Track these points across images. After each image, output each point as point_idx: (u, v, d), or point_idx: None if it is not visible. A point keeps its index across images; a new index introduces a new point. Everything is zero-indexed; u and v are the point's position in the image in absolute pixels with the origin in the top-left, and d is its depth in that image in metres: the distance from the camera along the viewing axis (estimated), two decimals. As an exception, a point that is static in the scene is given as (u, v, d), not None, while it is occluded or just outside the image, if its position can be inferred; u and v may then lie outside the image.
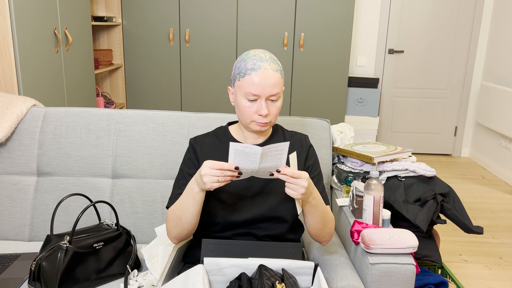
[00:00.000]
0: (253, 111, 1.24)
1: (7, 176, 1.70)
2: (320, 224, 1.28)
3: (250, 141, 1.35)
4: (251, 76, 1.22)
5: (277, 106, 1.26)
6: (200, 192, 1.17)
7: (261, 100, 1.23)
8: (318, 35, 3.88)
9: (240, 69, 1.25)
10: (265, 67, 1.23)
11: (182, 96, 4.05)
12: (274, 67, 1.24)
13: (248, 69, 1.23)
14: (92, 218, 1.55)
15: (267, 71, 1.22)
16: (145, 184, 1.68)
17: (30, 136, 1.70)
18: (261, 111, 1.23)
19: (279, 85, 1.24)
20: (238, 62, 1.27)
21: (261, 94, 1.22)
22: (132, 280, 1.37)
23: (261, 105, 1.23)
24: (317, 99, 4.02)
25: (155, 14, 3.86)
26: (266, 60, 1.24)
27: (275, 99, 1.25)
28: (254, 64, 1.23)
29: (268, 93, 1.23)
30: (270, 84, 1.22)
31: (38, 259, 1.29)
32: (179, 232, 1.27)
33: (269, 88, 1.22)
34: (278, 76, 1.24)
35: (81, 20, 3.01)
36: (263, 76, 1.21)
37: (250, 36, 3.89)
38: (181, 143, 1.69)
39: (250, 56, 1.25)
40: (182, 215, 1.23)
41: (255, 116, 1.25)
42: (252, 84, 1.22)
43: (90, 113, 1.73)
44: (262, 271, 1.14)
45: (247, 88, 1.23)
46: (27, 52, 2.28)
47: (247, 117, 1.26)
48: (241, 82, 1.24)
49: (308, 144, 1.39)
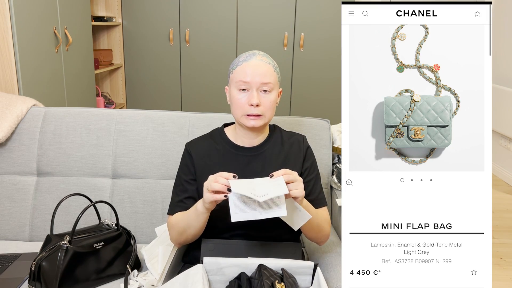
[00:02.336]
0: (244, 102, 1.24)
1: (7, 176, 1.70)
2: (316, 228, 1.29)
3: (246, 142, 1.34)
4: (243, 66, 1.25)
5: (270, 99, 1.25)
6: (204, 213, 1.21)
7: (252, 90, 1.24)
8: (318, 35, 3.88)
9: (233, 64, 1.29)
10: (257, 58, 1.26)
11: (182, 96, 4.05)
12: (266, 60, 1.27)
13: (240, 61, 1.26)
14: (92, 218, 1.55)
15: (259, 61, 1.25)
16: (145, 184, 1.68)
17: (30, 136, 1.71)
18: (252, 100, 1.23)
19: (270, 76, 1.25)
20: (233, 61, 1.31)
21: (252, 81, 1.23)
22: (132, 280, 1.37)
23: (252, 95, 1.23)
24: (317, 99, 4.02)
25: (155, 14, 3.86)
26: (259, 54, 1.28)
27: (268, 89, 1.25)
28: (247, 57, 1.27)
29: (259, 81, 1.23)
30: (261, 72, 1.23)
31: (38, 259, 1.29)
32: (183, 240, 1.31)
33: (259, 76, 1.23)
34: (270, 68, 1.26)
35: (81, 20, 3.01)
36: (254, 65, 1.24)
37: (250, 36, 3.89)
38: (181, 143, 1.69)
39: (244, 53, 1.29)
40: (187, 228, 1.27)
41: (246, 107, 1.24)
42: (243, 72, 1.24)
43: (90, 113, 1.73)
44: (261, 271, 1.14)
45: (238, 77, 1.25)
46: (27, 52, 2.28)
47: (239, 109, 1.26)
48: (234, 74, 1.27)
49: (306, 145, 1.39)
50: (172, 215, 1.33)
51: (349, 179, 1.10)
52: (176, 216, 1.31)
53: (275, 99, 1.27)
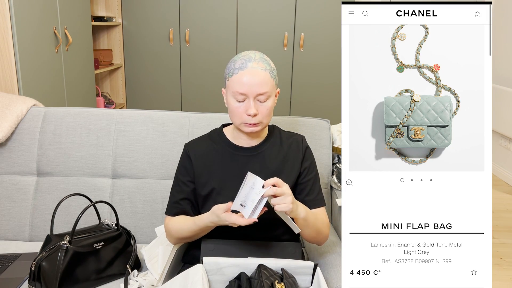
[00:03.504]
0: (242, 111, 1.23)
1: (7, 176, 1.70)
2: (315, 232, 1.29)
3: (244, 143, 1.34)
4: (239, 75, 1.21)
5: (267, 107, 1.24)
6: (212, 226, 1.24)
7: (249, 99, 1.22)
8: (318, 35, 3.88)
9: (229, 69, 1.25)
10: (253, 66, 1.21)
11: (182, 96, 4.05)
12: (262, 66, 1.22)
13: (236, 69, 1.22)
14: (92, 218, 1.55)
15: (255, 69, 1.21)
16: (145, 184, 1.68)
17: (30, 136, 1.71)
18: (249, 110, 1.21)
19: (267, 84, 1.22)
20: (229, 63, 1.27)
21: (248, 92, 1.21)
22: (132, 280, 1.37)
23: (249, 105, 1.22)
24: (317, 99, 4.02)
25: (155, 14, 3.86)
26: (255, 59, 1.23)
27: (264, 99, 1.23)
28: (242, 63, 1.22)
29: (256, 91, 1.21)
30: (257, 82, 1.20)
31: (38, 259, 1.29)
32: (181, 242, 1.36)
33: (256, 87, 1.20)
34: (266, 75, 1.22)
35: (81, 20, 3.01)
36: (250, 74, 1.20)
37: (250, 36, 3.89)
38: (181, 143, 1.69)
39: (240, 57, 1.25)
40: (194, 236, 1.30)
41: (244, 117, 1.23)
42: (239, 83, 1.21)
43: (90, 113, 1.73)
44: (261, 271, 1.14)
45: (234, 87, 1.22)
46: (27, 52, 2.28)
47: (237, 118, 1.25)
48: (230, 82, 1.24)
49: (305, 145, 1.38)
50: (169, 215, 1.35)
51: (349, 179, 1.10)
52: (177, 221, 1.32)
53: (272, 105, 1.26)
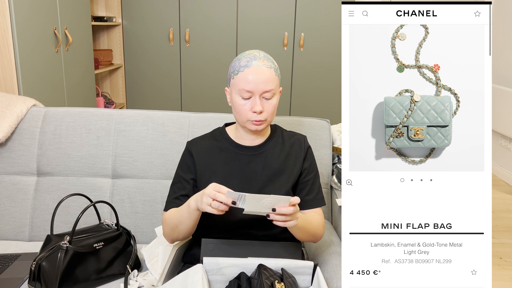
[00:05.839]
0: (247, 109, 1.25)
1: (7, 176, 1.70)
2: (310, 236, 1.30)
3: (247, 142, 1.35)
4: (244, 72, 1.23)
5: (272, 104, 1.26)
6: (196, 211, 1.19)
7: (255, 97, 1.23)
8: (318, 35, 3.88)
9: (234, 68, 1.26)
10: (258, 64, 1.23)
11: (182, 96, 4.05)
12: (267, 64, 1.24)
13: (241, 67, 1.24)
14: (92, 218, 1.55)
15: (260, 67, 1.23)
16: (145, 184, 1.68)
17: (30, 136, 1.71)
18: (255, 107, 1.23)
19: (272, 82, 1.24)
20: (233, 62, 1.28)
21: (254, 90, 1.22)
22: (132, 280, 1.37)
23: (255, 102, 1.23)
24: (317, 99, 4.02)
25: (155, 14, 3.86)
26: (259, 58, 1.25)
27: (269, 96, 1.25)
28: (248, 61, 1.24)
29: (262, 89, 1.23)
30: (263, 80, 1.22)
31: (38, 259, 1.29)
32: (175, 237, 1.31)
33: (262, 84, 1.22)
34: (271, 73, 1.24)
35: (81, 20, 3.01)
36: (256, 72, 1.22)
37: (250, 36, 3.89)
38: (181, 143, 1.69)
39: (245, 55, 1.27)
40: (179, 224, 1.26)
41: (250, 114, 1.25)
42: (245, 80, 1.22)
43: (90, 113, 1.73)
44: (261, 271, 1.14)
45: (240, 85, 1.23)
46: (27, 52, 2.28)
47: (242, 115, 1.26)
48: (235, 80, 1.25)
49: (307, 145, 1.39)
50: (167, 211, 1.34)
51: (349, 179, 1.10)
52: (170, 211, 1.31)
53: (276, 103, 1.28)
